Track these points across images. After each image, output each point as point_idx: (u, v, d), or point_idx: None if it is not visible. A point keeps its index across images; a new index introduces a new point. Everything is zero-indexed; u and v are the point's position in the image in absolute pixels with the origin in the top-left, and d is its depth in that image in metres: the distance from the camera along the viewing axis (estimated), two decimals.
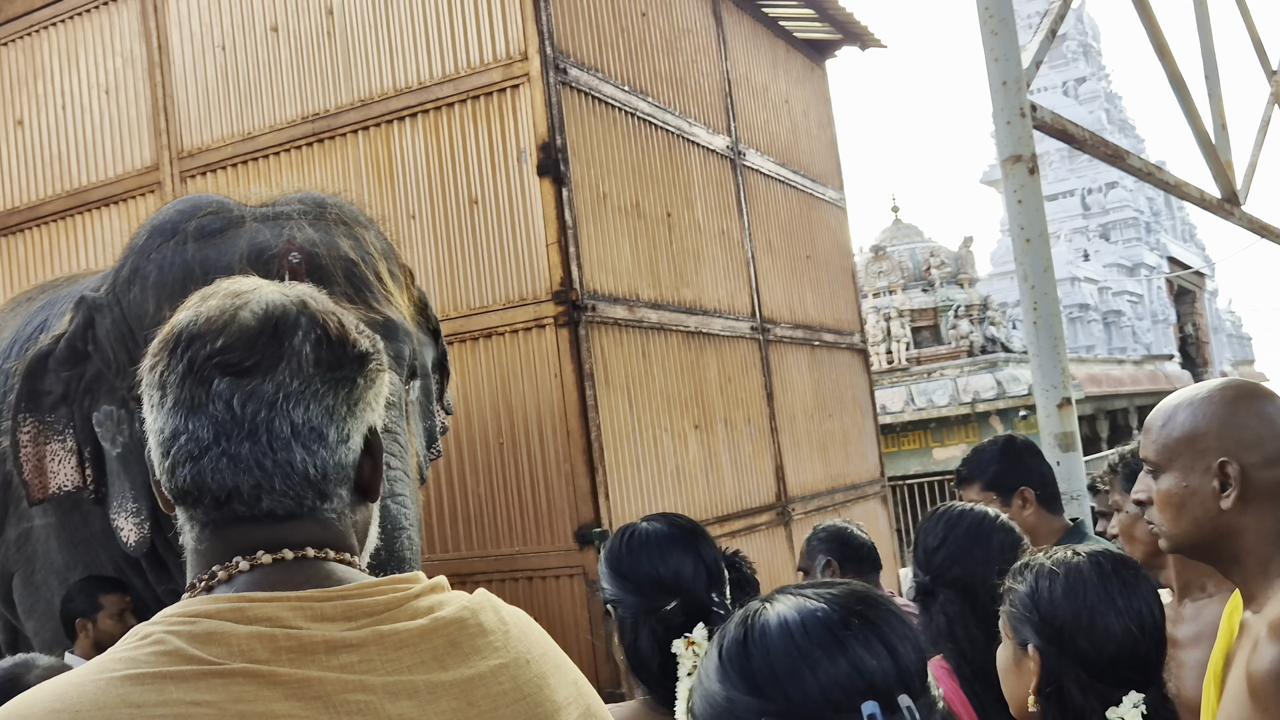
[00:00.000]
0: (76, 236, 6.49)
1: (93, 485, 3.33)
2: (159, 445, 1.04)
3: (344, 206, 3.40)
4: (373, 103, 5.62)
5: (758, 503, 6.67)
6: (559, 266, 5.16)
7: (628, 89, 5.92)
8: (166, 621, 0.97)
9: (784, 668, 1.02)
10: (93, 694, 0.90)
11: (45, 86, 6.67)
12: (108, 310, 3.28)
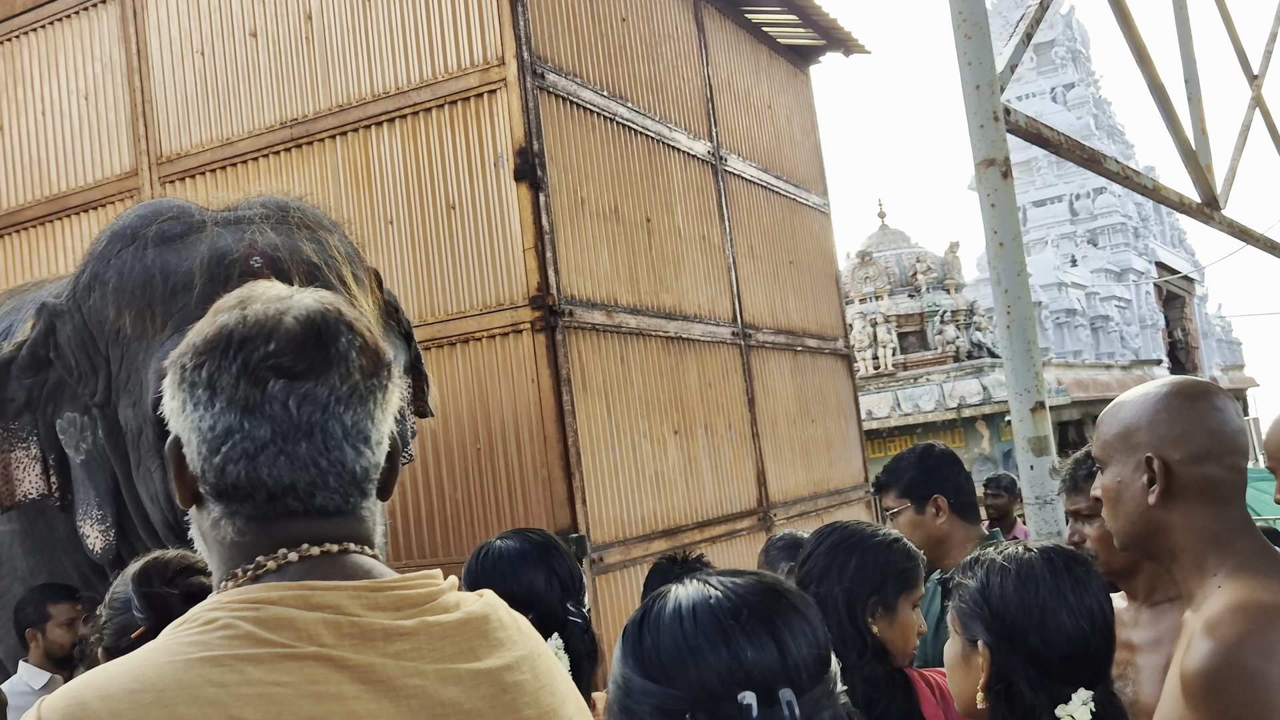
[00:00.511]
0: (56, 242, 6.47)
1: (58, 492, 3.32)
2: (205, 442, 1.08)
3: (307, 210, 3.40)
4: (351, 108, 5.61)
5: (739, 508, 6.67)
6: (536, 272, 5.15)
7: (607, 94, 5.92)
8: (228, 607, 1.02)
9: (669, 653, 1.04)
10: (174, 675, 0.94)
11: (25, 92, 6.66)
12: (68, 317, 3.27)
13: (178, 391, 1.10)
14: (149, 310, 3.09)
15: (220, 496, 1.09)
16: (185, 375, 1.10)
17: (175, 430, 1.11)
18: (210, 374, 1.08)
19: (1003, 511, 6.80)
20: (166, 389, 1.12)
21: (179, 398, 1.10)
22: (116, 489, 3.25)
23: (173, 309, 3.07)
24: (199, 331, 1.12)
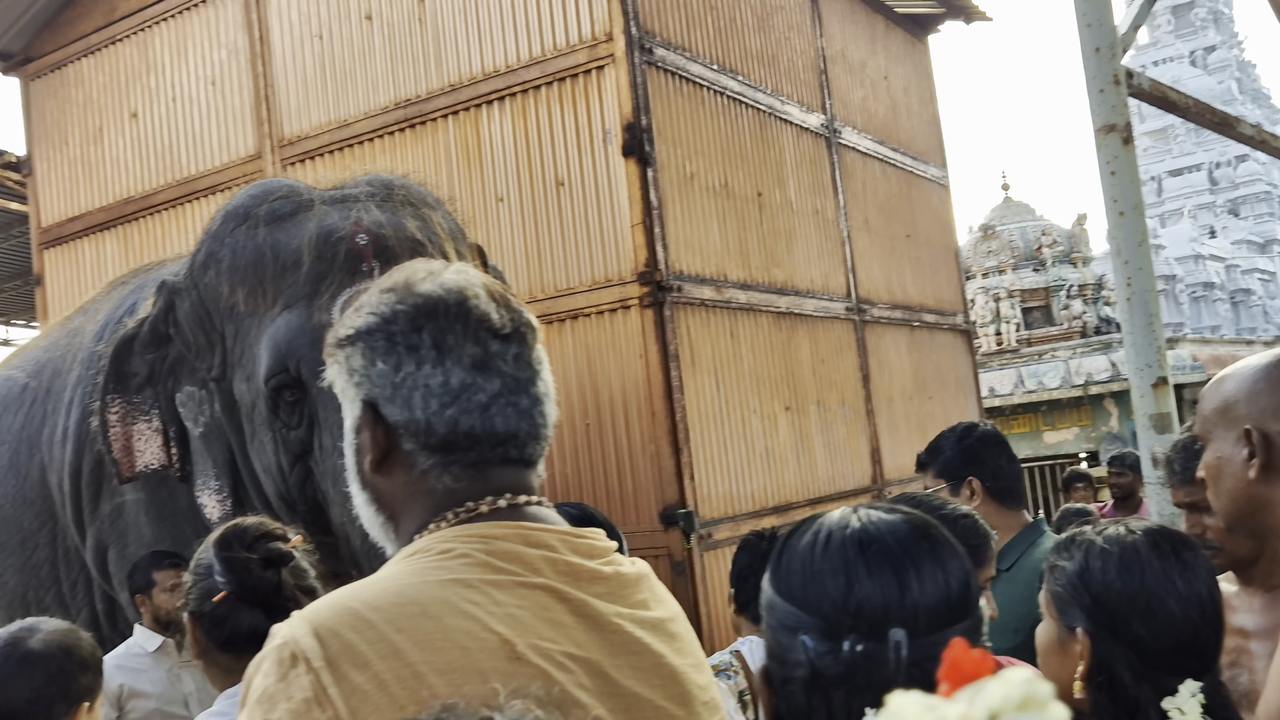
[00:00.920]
0: (185, 224, 6.71)
1: (178, 463, 3.45)
2: (435, 396, 1.17)
3: (411, 187, 3.45)
4: (462, 87, 5.68)
5: (852, 485, 6.58)
6: (644, 247, 5.15)
7: (716, 68, 5.87)
8: (458, 540, 1.12)
9: (796, 572, 1.08)
10: (432, 592, 1.04)
11: (156, 80, 6.90)
12: (186, 294, 3.39)
13: (387, 356, 1.18)
14: (260, 287, 3.19)
15: (441, 448, 1.18)
16: (399, 340, 1.18)
17: (367, 394, 1.19)
18: (434, 336, 1.17)
19: (1127, 491, 6.58)
20: (355, 356, 1.19)
21: (390, 360, 1.18)
22: (233, 460, 3.36)
23: (282, 286, 3.16)
24: (399, 301, 1.19)
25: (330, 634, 1.00)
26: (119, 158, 7.05)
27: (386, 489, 1.22)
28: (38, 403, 4.08)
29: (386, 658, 0.99)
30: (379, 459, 1.21)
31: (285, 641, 1.01)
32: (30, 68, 7.47)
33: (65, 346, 4.13)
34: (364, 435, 1.23)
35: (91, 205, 7.17)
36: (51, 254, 7.45)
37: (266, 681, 0.99)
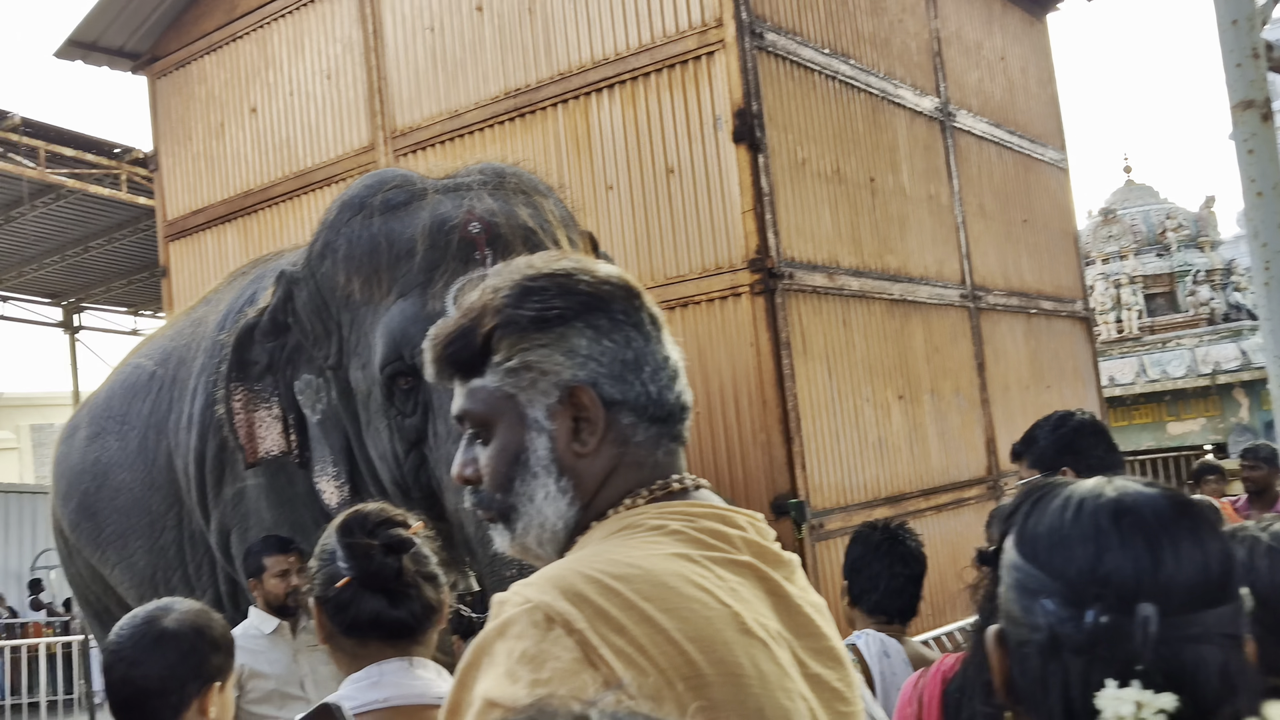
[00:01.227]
0: (301, 215, 6.85)
1: (297, 449, 3.51)
2: (662, 369, 1.21)
3: (523, 175, 3.45)
4: (571, 75, 5.68)
5: (967, 476, 6.44)
6: (755, 234, 5.09)
7: (828, 52, 5.77)
8: (665, 517, 1.13)
9: (1043, 536, 1.05)
10: (664, 565, 1.05)
11: (275, 75, 7.06)
12: (304, 283, 3.44)
13: (613, 332, 1.18)
14: (375, 276, 3.22)
15: (662, 420, 1.21)
16: (622, 317, 1.19)
17: (589, 374, 1.18)
18: (631, 315, 1.19)
19: (1262, 485, 6.30)
20: (573, 337, 1.17)
21: (617, 337, 1.18)
22: (349, 447, 3.41)
23: (397, 274, 3.19)
24: (602, 282, 1.20)
25: (580, 599, 1.00)
26: (239, 152, 7.23)
27: (588, 470, 1.19)
28: (164, 390, 4.20)
29: (640, 623, 1.00)
30: (596, 437, 1.19)
31: (535, 605, 1.00)
32: (156, 66, 7.71)
33: (189, 336, 4.25)
34: (563, 420, 1.18)
35: (213, 198, 7.37)
36: (176, 246, 7.68)
37: (523, 644, 0.98)
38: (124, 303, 16.64)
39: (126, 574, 4.25)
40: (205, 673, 1.91)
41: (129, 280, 15.29)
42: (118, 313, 17.03)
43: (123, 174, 11.90)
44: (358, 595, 1.70)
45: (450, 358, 1.23)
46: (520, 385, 1.19)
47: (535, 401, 1.19)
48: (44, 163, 11.24)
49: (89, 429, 4.44)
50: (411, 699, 1.66)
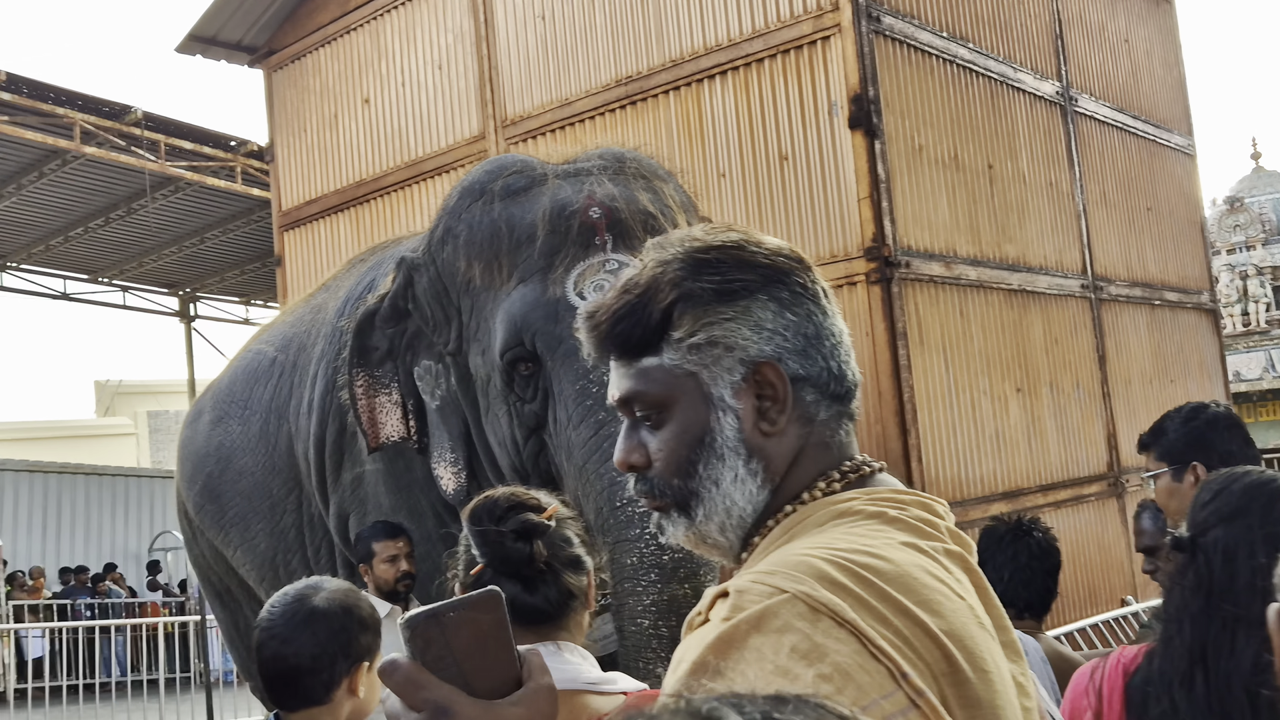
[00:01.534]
0: (412, 204, 6.93)
1: (416, 435, 3.52)
2: (840, 343, 1.14)
3: (643, 160, 3.41)
4: (684, 62, 5.63)
5: (1087, 472, 6.24)
6: (871, 222, 4.99)
7: (946, 35, 5.62)
8: (880, 504, 1.06)
9: None
10: (897, 555, 0.99)
11: (387, 66, 7.14)
12: (424, 269, 3.44)
13: (795, 305, 1.12)
14: (496, 261, 3.21)
15: (842, 397, 1.14)
16: (802, 290, 1.13)
17: (775, 349, 1.12)
18: (808, 287, 1.13)
19: None
20: (758, 310, 1.12)
21: (799, 310, 1.12)
22: (468, 433, 3.41)
23: (518, 260, 3.17)
24: (775, 253, 1.14)
25: (840, 588, 0.93)
26: (352, 142, 7.33)
27: (776, 451, 1.12)
28: (285, 375, 4.26)
29: (899, 615, 0.93)
30: (780, 416, 1.12)
31: (794, 595, 0.92)
32: (273, 60, 7.86)
33: (309, 322, 4.30)
34: (748, 398, 1.11)
35: (327, 188, 7.49)
36: (290, 235, 7.82)
37: (791, 638, 0.90)
38: (237, 292, 17.08)
39: (248, 556, 4.32)
40: (354, 651, 1.91)
41: (242, 270, 15.69)
42: (230, 302, 17.49)
43: (238, 166, 12.19)
44: (493, 582, 1.60)
45: (620, 335, 1.14)
46: (703, 362, 1.11)
47: (719, 379, 1.11)
48: (164, 156, 11.56)
49: (212, 414, 4.53)
50: (564, 684, 1.59)
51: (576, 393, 3.01)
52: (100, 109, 11.07)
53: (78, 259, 14.90)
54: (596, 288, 3.06)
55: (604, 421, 2.94)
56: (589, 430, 2.97)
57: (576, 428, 3.00)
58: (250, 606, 4.71)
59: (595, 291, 3.05)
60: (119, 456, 23.30)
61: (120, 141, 11.17)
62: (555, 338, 3.06)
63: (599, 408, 2.95)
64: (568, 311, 3.04)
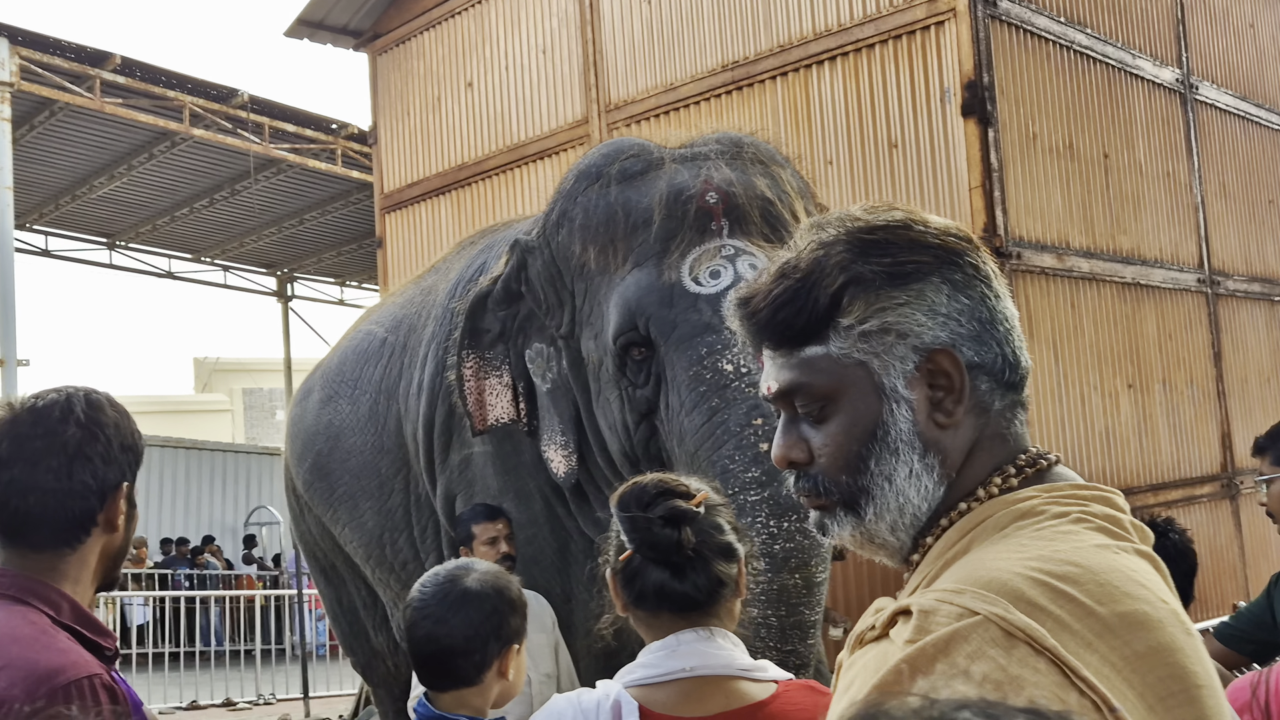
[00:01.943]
0: (513, 188, 6.95)
1: (526, 418, 3.52)
2: (1013, 328, 1.09)
3: (760, 145, 3.36)
4: (792, 48, 5.55)
5: (1199, 472, 6.05)
6: (982, 211, 4.88)
7: (1063, 20, 5.47)
8: (1064, 503, 1.00)
9: None
10: (1101, 560, 0.92)
11: (491, 50, 7.17)
12: (538, 252, 3.43)
13: (968, 289, 1.07)
14: (611, 245, 3.19)
15: (1016, 385, 1.08)
16: (973, 271, 1.07)
17: (950, 334, 1.06)
18: (979, 269, 1.07)
19: None
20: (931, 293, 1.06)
21: (971, 293, 1.07)
22: (578, 416, 3.40)
23: (633, 244, 3.15)
24: (945, 233, 1.09)
25: (1035, 609, 0.87)
26: (455, 126, 7.38)
27: (952, 444, 1.06)
28: (395, 356, 4.30)
29: (1105, 636, 0.87)
30: (958, 402, 1.06)
31: (985, 618, 0.86)
32: (378, 44, 7.94)
33: (420, 304, 4.32)
34: (921, 388, 1.05)
35: (429, 171, 7.56)
36: (391, 218, 7.91)
37: (982, 666, 0.83)
38: (333, 273, 17.38)
39: (356, 534, 4.37)
40: (505, 634, 1.92)
41: (338, 251, 15.96)
42: (326, 283, 17.81)
43: (338, 149, 12.38)
44: (642, 568, 1.65)
45: (780, 324, 1.07)
46: (874, 351, 1.05)
47: (891, 369, 1.05)
48: (268, 138, 11.79)
49: (322, 392, 4.59)
50: (716, 669, 1.62)
51: (690, 379, 2.97)
52: (208, 92, 11.32)
53: (182, 239, 15.30)
54: (712, 273, 3.03)
55: (716, 409, 2.91)
56: (701, 417, 2.94)
57: (689, 414, 2.97)
58: (354, 584, 4.78)
59: (711, 277, 3.02)
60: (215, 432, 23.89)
61: (227, 124, 11.42)
62: (669, 323, 3.03)
63: (712, 394, 2.92)
64: (682, 297, 3.02)
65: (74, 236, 15.09)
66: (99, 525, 1.64)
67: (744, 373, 2.90)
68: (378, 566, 4.36)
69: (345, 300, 18.19)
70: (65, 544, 1.63)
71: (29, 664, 1.46)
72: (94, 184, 12.83)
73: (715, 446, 2.88)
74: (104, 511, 1.64)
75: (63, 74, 10.32)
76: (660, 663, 1.63)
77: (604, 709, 1.60)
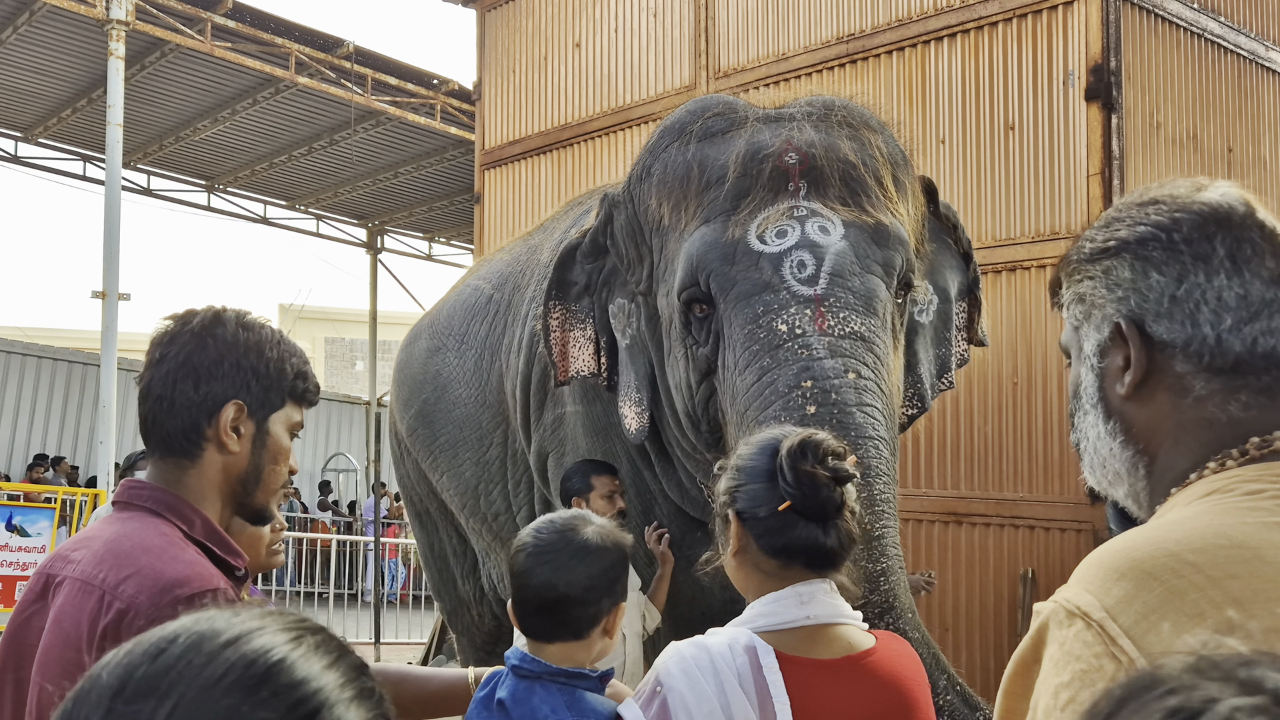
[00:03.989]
0: (616, 151, 6.94)
1: (605, 373, 3.53)
2: (1232, 311, 1.05)
3: (852, 108, 3.27)
4: (910, 22, 5.45)
5: None
6: (1100, 199, 4.76)
7: (1197, 7, 5.30)
8: (1265, 480, 0.99)
9: None
10: (1261, 536, 0.92)
11: (601, 11, 7.15)
12: (623, 207, 3.42)
13: (1166, 266, 1.07)
14: (684, 201, 3.15)
15: (1230, 370, 1.05)
16: (1184, 249, 1.07)
17: (1131, 310, 1.09)
18: (1229, 246, 1.06)
19: None
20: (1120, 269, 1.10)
21: (1170, 271, 1.07)
22: (653, 374, 3.38)
23: (704, 201, 3.10)
24: (1177, 210, 1.09)
25: (1149, 578, 0.90)
26: (560, 85, 7.38)
27: (1142, 418, 1.10)
28: (499, 313, 4.33)
29: (1222, 606, 0.87)
30: (1138, 382, 1.09)
31: (1058, 605, 0.94)
32: (487, 0, 7.95)
33: (525, 262, 4.35)
34: (1113, 357, 1.11)
35: (531, 130, 7.57)
36: (491, 174, 7.94)
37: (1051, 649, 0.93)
38: (422, 228, 17.54)
39: (454, 482, 4.44)
40: (618, 591, 1.92)
41: (430, 207, 16.09)
42: (415, 237, 17.98)
43: (438, 104, 12.45)
44: (794, 521, 1.70)
45: (1051, 286, 1.24)
46: (1078, 319, 1.17)
47: (1089, 336, 1.15)
48: (370, 90, 11.89)
49: (429, 342, 4.65)
50: (836, 618, 1.73)
51: (744, 337, 2.92)
52: (315, 41, 11.43)
53: (279, 185, 15.52)
54: (778, 233, 2.96)
55: (767, 368, 2.84)
56: (753, 376, 2.88)
57: (741, 374, 2.91)
58: (446, 530, 4.85)
59: (777, 237, 2.96)
60: None
61: (330, 74, 11.53)
62: (729, 279, 2.97)
63: (764, 354, 2.86)
64: (745, 254, 2.96)
65: (175, 177, 15.39)
66: (209, 441, 1.65)
67: (798, 334, 2.84)
68: (471, 516, 4.42)
69: (433, 255, 18.36)
70: (179, 454, 1.66)
71: (155, 573, 1.51)
72: (198, 126, 13.05)
73: (763, 406, 2.82)
74: (211, 426, 1.65)
75: (176, 15, 10.50)
76: (786, 610, 1.71)
77: (736, 652, 1.65)
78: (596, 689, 1.86)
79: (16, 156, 14.51)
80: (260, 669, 0.70)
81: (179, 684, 0.68)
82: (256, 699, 0.69)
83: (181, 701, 0.67)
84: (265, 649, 0.71)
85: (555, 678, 1.84)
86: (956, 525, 5.18)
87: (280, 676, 0.70)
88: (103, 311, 9.53)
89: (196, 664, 0.69)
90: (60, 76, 12.01)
